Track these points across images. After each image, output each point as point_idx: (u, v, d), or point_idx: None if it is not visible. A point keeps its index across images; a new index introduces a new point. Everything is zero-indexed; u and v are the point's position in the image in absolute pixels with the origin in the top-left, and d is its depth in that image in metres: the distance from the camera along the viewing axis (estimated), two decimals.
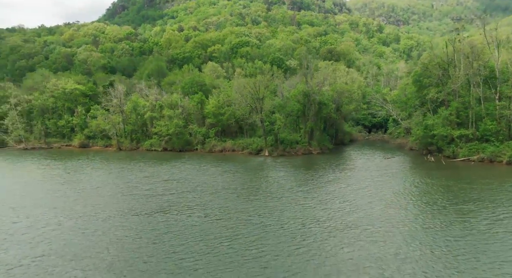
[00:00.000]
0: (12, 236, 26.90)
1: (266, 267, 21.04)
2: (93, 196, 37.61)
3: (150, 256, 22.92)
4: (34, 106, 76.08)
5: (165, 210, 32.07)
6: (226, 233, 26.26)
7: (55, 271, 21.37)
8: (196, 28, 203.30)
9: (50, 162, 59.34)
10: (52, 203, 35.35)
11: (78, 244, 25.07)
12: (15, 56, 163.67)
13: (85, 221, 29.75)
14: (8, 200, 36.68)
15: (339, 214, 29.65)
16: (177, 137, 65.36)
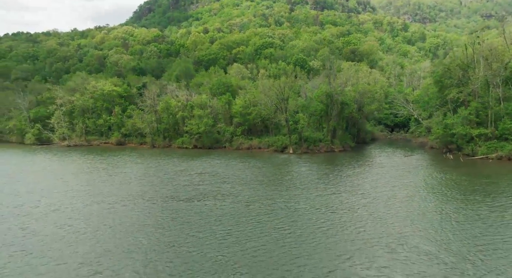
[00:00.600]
0: (82, 213, 32.40)
1: (291, 237, 25.25)
2: (137, 185, 43.01)
3: (198, 231, 27.64)
4: (76, 106, 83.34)
5: (203, 197, 36.88)
6: (254, 214, 30.74)
7: (123, 235, 26.42)
8: (220, 30, 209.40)
9: (94, 157, 65.85)
10: (106, 189, 40.91)
11: (135, 219, 30.16)
12: (52, 59, 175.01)
13: (134, 204, 34.95)
14: (74, 188, 42.62)
15: (356, 201, 33.45)
16: (206, 135, 70.52)
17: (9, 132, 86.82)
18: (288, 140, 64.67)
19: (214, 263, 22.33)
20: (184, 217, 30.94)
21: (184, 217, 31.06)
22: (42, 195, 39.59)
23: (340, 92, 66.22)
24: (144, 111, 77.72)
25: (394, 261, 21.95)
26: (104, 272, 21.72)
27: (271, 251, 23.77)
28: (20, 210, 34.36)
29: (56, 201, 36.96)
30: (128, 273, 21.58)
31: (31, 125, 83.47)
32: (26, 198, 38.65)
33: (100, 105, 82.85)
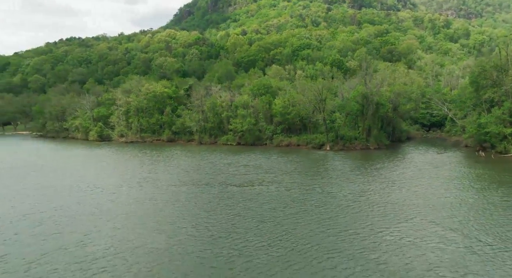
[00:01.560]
0: (158, 195, 40.26)
1: (331, 217, 31.20)
2: (194, 174, 50.65)
3: (248, 209, 34.37)
4: (131, 106, 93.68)
5: (251, 183, 43.68)
6: (296, 197, 37.00)
7: (186, 213, 33.68)
8: (258, 31, 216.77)
9: (150, 152, 75.06)
10: (170, 177, 48.89)
11: (202, 199, 37.41)
12: (103, 63, 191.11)
13: (196, 188, 42.36)
14: (144, 175, 51.13)
15: (383, 188, 38.65)
16: (249, 133, 77.60)
17: (75, 130, 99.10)
18: (325, 138, 70.15)
19: (271, 227, 28.86)
20: (239, 198, 37.83)
21: (239, 198, 37.95)
22: (123, 181, 48.20)
23: (375, 93, 70.55)
24: (192, 111, 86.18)
25: (410, 229, 27.30)
26: (198, 228, 28.88)
27: (312, 223, 29.89)
28: (110, 193, 42.91)
29: (134, 184, 45.29)
30: (213, 231, 28.61)
31: (94, 123, 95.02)
32: (111, 184, 47.41)
33: (153, 106, 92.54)
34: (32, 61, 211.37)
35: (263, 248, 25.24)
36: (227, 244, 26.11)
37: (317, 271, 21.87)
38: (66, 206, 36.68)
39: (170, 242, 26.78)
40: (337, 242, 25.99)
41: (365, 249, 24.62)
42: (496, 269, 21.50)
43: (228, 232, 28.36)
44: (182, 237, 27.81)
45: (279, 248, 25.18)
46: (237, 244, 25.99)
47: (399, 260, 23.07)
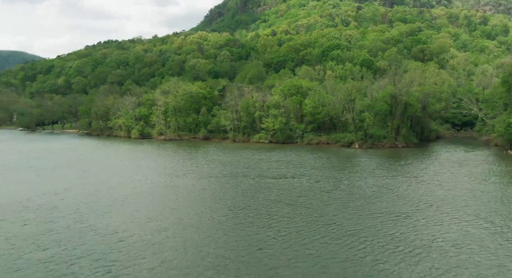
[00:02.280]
0: (204, 184, 45.81)
1: (354, 204, 35.28)
2: (232, 167, 55.93)
3: (281, 196, 39.04)
4: (169, 106, 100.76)
5: (283, 176, 48.34)
6: (324, 187, 41.31)
7: (231, 198, 38.76)
8: (287, 32, 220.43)
9: (188, 148, 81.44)
10: (210, 170, 54.43)
11: (241, 188, 42.48)
12: (140, 65, 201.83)
13: (236, 179, 47.50)
14: (189, 169, 57.11)
15: (406, 182, 42.09)
16: (280, 132, 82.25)
17: (118, 129, 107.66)
18: (354, 136, 73.54)
19: (302, 211, 33.39)
20: (273, 188, 42.62)
21: (273, 188, 42.75)
22: (171, 172, 54.23)
23: (404, 94, 73.05)
24: (227, 110, 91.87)
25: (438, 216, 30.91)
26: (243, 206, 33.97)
27: (338, 208, 34.11)
28: (164, 183, 48.95)
29: (182, 175, 51.16)
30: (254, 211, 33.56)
31: (136, 122, 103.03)
32: (161, 175, 53.59)
33: (189, 106, 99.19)
34: (74, 64, 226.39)
35: (295, 231, 29.78)
36: (265, 224, 30.84)
37: (342, 242, 26.11)
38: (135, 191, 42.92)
39: (221, 218, 31.90)
40: (358, 222, 30.18)
41: (384, 227, 28.58)
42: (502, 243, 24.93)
43: (265, 215, 33.15)
44: (230, 216, 32.88)
45: (311, 226, 29.66)
46: (273, 227, 30.69)
47: (416, 236, 26.88)
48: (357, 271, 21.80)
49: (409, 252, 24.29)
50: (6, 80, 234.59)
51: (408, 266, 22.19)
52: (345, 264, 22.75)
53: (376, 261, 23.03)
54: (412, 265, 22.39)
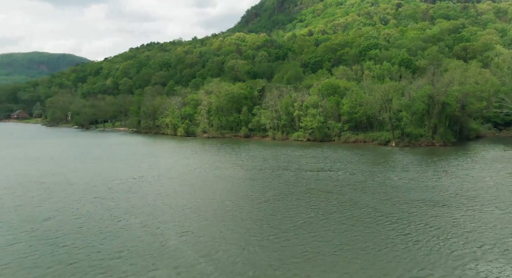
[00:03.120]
0: (250, 177, 51.67)
1: (385, 192, 39.41)
2: (274, 162, 61.36)
3: (318, 185, 43.90)
4: (212, 106, 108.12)
5: (322, 170, 53.04)
6: (358, 179, 45.61)
7: (274, 187, 44.15)
8: (324, 32, 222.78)
9: (230, 145, 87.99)
10: (254, 164, 60.24)
11: (277, 181, 47.80)
12: (181, 66, 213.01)
13: (279, 172, 52.89)
14: (235, 162, 63.42)
15: (436, 176, 45.39)
16: (318, 130, 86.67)
17: (165, 127, 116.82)
18: (391, 135, 76.51)
19: (338, 197, 38.15)
20: (311, 179, 47.58)
21: (311, 179, 47.70)
22: (217, 165, 60.75)
23: (442, 93, 74.89)
24: (267, 110, 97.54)
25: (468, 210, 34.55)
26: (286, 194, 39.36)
27: (369, 195, 38.49)
28: (213, 174, 55.44)
29: (228, 167, 57.43)
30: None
31: (182, 121, 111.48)
32: (209, 168, 60.22)
33: (231, 105, 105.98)
34: (120, 66, 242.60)
35: (332, 211, 34.61)
36: (306, 206, 35.86)
37: (375, 219, 30.59)
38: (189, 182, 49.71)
39: (268, 201, 37.41)
40: (392, 206, 34.45)
41: (416, 211, 32.69)
42: None
43: (305, 200, 38.20)
44: (276, 199, 38.31)
45: (346, 208, 34.39)
46: (313, 208, 35.65)
47: (441, 218, 30.85)
48: (392, 242, 26.37)
49: (441, 229, 28.42)
50: (60, 82, 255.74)
51: (440, 241, 26.41)
52: (378, 235, 27.33)
53: (408, 234, 27.43)
54: (442, 240, 26.57)
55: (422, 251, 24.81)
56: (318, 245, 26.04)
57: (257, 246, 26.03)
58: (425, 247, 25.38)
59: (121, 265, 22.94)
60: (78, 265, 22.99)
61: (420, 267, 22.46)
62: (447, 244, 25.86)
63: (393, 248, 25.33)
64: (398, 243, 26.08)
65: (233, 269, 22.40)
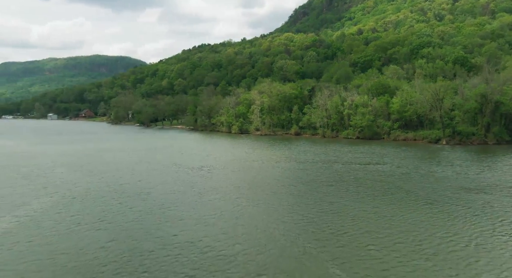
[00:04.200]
0: (302, 168, 57.86)
1: (428, 182, 43.50)
2: (324, 156, 66.82)
3: (366, 175, 48.84)
4: (264, 105, 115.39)
5: (368, 163, 57.67)
6: (403, 171, 49.83)
7: (325, 177, 49.85)
8: (374, 30, 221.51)
9: (282, 142, 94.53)
10: (306, 157, 66.21)
11: (328, 172, 53.36)
12: (232, 67, 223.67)
13: (329, 165, 58.43)
14: (287, 155, 70.01)
15: (481, 171, 48.30)
16: (368, 128, 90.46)
17: (220, 125, 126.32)
18: (442, 133, 78.54)
19: (384, 185, 43.02)
20: (359, 171, 52.54)
21: (359, 171, 52.66)
22: (272, 158, 67.57)
23: (497, 92, 75.47)
24: (317, 109, 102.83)
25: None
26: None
27: (412, 185, 42.87)
28: (271, 166, 62.38)
29: (283, 160, 64.01)
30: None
31: (236, 119, 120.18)
32: (266, 160, 67.23)
33: (282, 105, 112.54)
34: (175, 67, 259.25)
35: (379, 194, 39.65)
36: (354, 191, 41.16)
37: (417, 203, 35.31)
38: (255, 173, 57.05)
39: (322, 187, 43.33)
40: (432, 192, 38.75)
41: (457, 196, 36.89)
42: None
43: (353, 186, 43.51)
44: (328, 186, 44.12)
45: (392, 192, 39.32)
46: (360, 191, 40.88)
47: (486, 204, 34.84)
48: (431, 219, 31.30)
49: (472, 209, 32.72)
50: (121, 83, 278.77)
51: (468, 215, 30.86)
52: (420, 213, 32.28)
53: (448, 215, 32.09)
54: (470, 216, 30.97)
55: (455, 222, 29.50)
56: (368, 216, 31.61)
57: (315, 213, 32.22)
58: (457, 220, 29.98)
59: (216, 221, 30.29)
60: (186, 220, 30.65)
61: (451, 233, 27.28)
62: (475, 219, 30.26)
63: (434, 220, 30.28)
64: (438, 217, 30.96)
65: (296, 228, 28.71)
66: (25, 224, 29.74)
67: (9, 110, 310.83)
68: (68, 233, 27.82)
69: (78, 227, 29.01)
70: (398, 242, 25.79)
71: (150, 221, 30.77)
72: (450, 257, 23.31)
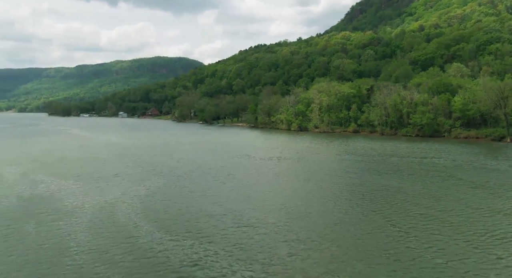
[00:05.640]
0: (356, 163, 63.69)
1: (479, 174, 47.25)
2: (379, 150, 71.58)
3: (423, 166, 53.44)
4: (323, 104, 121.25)
5: (425, 157, 61.67)
6: (457, 164, 53.49)
7: (378, 168, 55.22)
8: (437, 26, 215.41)
9: (340, 138, 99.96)
10: (363, 151, 71.58)
11: (381, 164, 58.46)
12: (288, 67, 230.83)
13: (381, 158, 63.41)
14: (344, 149, 76.04)
15: None
16: (427, 126, 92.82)
17: (280, 122, 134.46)
18: (506, 131, 79.19)
19: (435, 175, 47.65)
20: (416, 163, 56.96)
21: (416, 163, 57.06)
22: (331, 152, 73.93)
23: None
24: (375, 107, 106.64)
25: None
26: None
27: (465, 175, 46.95)
28: (326, 160, 68.94)
29: (341, 153, 70.14)
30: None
31: (295, 117, 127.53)
32: (324, 154, 73.86)
33: (341, 103, 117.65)
34: (233, 68, 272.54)
35: (434, 181, 44.56)
36: (414, 178, 46.39)
37: (470, 187, 39.96)
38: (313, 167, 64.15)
39: (383, 174, 49.11)
40: (485, 178, 42.92)
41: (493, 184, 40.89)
42: None
43: (409, 175, 48.63)
44: (389, 174, 49.81)
45: (445, 181, 44.11)
46: (416, 177, 45.98)
47: None
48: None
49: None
50: (183, 84, 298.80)
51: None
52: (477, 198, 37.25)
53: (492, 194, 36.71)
54: None
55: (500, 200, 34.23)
56: (418, 193, 37.32)
57: (374, 191, 38.61)
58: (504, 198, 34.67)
59: (292, 192, 38.11)
60: (268, 191, 38.80)
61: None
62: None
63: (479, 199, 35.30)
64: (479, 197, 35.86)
65: (359, 201, 35.42)
66: (156, 189, 39.86)
67: (86, 109, 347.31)
68: (184, 194, 37.33)
69: (191, 193, 38.50)
70: (444, 211, 31.68)
71: (246, 190, 39.46)
72: (476, 227, 28.81)
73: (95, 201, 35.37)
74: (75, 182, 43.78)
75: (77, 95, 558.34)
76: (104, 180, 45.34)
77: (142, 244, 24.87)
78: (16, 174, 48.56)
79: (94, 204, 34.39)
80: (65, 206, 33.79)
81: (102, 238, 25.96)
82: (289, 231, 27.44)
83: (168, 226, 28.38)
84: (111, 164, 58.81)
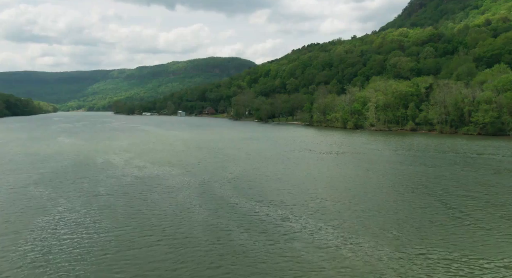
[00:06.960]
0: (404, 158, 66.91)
1: None
2: (435, 146, 73.66)
3: (483, 161, 55.71)
4: (379, 102, 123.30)
5: (483, 154, 63.27)
6: (506, 161, 55.06)
7: (430, 163, 58.22)
8: (506, 19, 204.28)
9: (396, 136, 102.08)
10: (416, 147, 74.17)
11: (435, 160, 61.17)
12: (343, 65, 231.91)
13: (432, 154, 65.93)
14: (397, 146, 79.19)
15: None
16: (491, 125, 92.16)
17: (335, 121, 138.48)
18: None
19: (475, 169, 50.11)
20: (472, 159, 59.23)
21: (472, 159, 59.33)
22: (387, 147, 77.38)
23: None
24: (434, 105, 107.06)
25: None
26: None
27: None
28: (382, 154, 72.75)
29: (399, 148, 73.46)
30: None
31: (351, 116, 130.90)
32: (379, 149, 77.49)
33: (398, 102, 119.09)
34: (287, 67, 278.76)
35: (488, 173, 47.26)
36: (455, 170, 49.39)
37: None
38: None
39: (439, 168, 52.61)
40: None
41: None
42: None
43: (459, 168, 51.52)
44: (447, 167, 53.15)
45: (488, 170, 46.72)
46: (466, 170, 48.92)
47: None
48: None
49: None
50: (238, 83, 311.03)
51: None
52: None
53: None
54: None
55: None
56: (469, 180, 41.02)
57: (436, 184, 42.88)
58: None
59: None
60: (334, 176, 44.76)
61: None
62: None
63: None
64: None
65: (413, 185, 40.04)
66: (238, 174, 47.57)
67: (147, 108, 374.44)
68: (262, 177, 44.53)
69: (266, 177, 45.71)
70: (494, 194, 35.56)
71: (315, 176, 45.92)
72: None
73: (193, 180, 44.00)
74: (170, 167, 53.12)
75: (137, 95, 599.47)
76: (191, 166, 54.33)
77: (240, 208, 32.55)
78: (120, 161, 59.34)
79: (193, 182, 42.98)
80: (173, 183, 42.72)
81: (210, 203, 34.22)
82: (356, 204, 33.58)
83: (255, 197, 35.84)
84: (191, 154, 68.33)
